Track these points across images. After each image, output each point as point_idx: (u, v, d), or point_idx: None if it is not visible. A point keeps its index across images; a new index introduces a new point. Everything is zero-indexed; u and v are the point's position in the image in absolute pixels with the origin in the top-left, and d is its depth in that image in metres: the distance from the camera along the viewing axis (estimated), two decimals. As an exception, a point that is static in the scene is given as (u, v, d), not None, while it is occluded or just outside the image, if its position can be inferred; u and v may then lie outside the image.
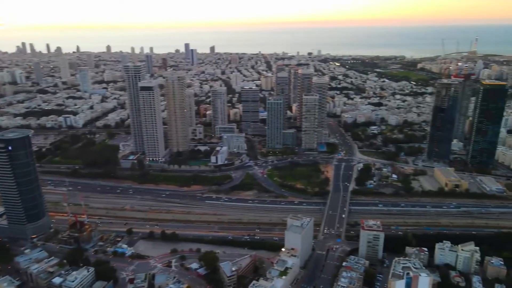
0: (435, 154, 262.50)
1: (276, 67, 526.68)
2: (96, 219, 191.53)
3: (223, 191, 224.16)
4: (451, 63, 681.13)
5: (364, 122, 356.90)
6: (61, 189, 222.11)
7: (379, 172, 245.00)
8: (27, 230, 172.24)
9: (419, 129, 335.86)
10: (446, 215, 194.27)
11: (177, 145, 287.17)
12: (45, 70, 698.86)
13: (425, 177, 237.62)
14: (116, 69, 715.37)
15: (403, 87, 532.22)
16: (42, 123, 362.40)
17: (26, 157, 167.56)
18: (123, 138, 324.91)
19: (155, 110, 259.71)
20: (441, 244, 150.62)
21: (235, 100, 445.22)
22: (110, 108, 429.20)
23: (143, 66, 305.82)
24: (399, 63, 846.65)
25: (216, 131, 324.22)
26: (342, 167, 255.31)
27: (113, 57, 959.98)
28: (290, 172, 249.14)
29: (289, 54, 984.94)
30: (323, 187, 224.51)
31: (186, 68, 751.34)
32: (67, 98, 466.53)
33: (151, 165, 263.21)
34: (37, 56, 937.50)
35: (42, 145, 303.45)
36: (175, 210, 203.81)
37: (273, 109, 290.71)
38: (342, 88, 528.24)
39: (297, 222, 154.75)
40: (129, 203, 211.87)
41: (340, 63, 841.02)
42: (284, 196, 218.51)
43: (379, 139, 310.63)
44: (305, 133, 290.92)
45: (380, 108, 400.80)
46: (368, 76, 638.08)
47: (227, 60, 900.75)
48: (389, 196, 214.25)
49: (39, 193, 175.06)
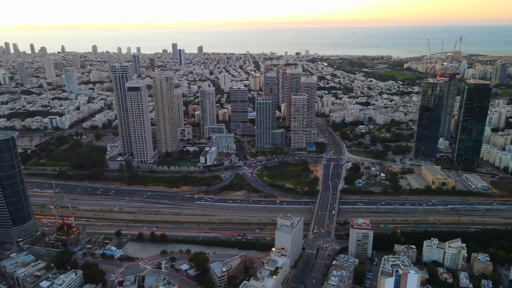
0: (422, 153, 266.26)
1: (264, 67, 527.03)
2: (84, 221, 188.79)
3: (213, 191, 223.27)
4: (436, 62, 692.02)
5: (352, 122, 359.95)
6: (48, 192, 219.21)
7: (368, 171, 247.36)
8: (12, 234, 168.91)
9: (406, 128, 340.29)
10: (433, 212, 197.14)
11: (166, 146, 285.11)
12: (29, 70, 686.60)
13: (412, 176, 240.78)
14: (103, 69, 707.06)
15: (390, 86, 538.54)
16: (27, 125, 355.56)
17: (11, 159, 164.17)
18: (110, 139, 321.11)
19: (143, 111, 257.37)
20: (428, 242, 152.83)
21: (223, 100, 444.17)
22: (97, 109, 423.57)
23: (130, 66, 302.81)
24: (386, 63, 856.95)
25: (205, 131, 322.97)
26: (331, 166, 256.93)
27: (99, 57, 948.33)
28: (280, 172, 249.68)
29: (277, 54, 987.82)
30: (312, 186, 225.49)
31: (174, 68, 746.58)
32: (52, 99, 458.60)
33: (140, 166, 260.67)
34: (21, 57, 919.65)
35: (27, 147, 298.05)
36: (164, 211, 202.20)
37: (262, 109, 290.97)
38: (330, 88, 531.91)
39: (287, 221, 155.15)
40: (118, 205, 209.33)
41: (328, 63, 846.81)
42: (274, 195, 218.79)
43: (367, 138, 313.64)
44: (294, 133, 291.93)
45: (367, 108, 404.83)
46: (355, 76, 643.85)
47: (215, 60, 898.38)
48: (378, 195, 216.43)
49: (24, 196, 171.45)
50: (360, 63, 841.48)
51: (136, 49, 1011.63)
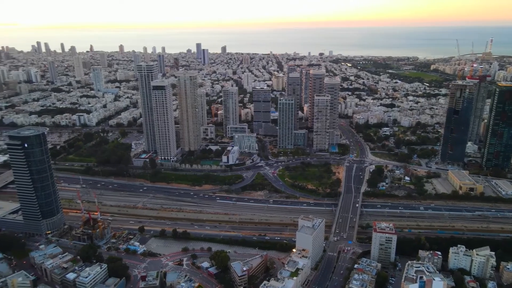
0: (449, 157, 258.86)
1: (287, 67, 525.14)
2: (109, 216, 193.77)
3: (234, 190, 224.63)
4: (465, 64, 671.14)
5: (376, 123, 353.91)
6: (75, 186, 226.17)
7: (392, 174, 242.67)
8: (42, 226, 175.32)
9: (433, 131, 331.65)
10: (460, 218, 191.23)
11: (189, 145, 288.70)
12: (59, 69, 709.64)
13: (438, 180, 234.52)
14: (129, 68, 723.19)
15: (416, 88, 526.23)
16: (56, 121, 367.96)
17: (42, 154, 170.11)
18: (135, 136, 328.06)
19: (167, 109, 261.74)
20: (455, 248, 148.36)
21: (246, 100, 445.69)
22: (122, 107, 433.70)
23: (155, 65, 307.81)
24: (412, 64, 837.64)
25: (228, 131, 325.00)
26: (353, 169, 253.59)
27: (125, 56, 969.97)
28: (301, 173, 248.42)
29: (300, 55, 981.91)
30: (334, 188, 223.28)
31: (197, 68, 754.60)
32: (81, 97, 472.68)
33: (163, 164, 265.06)
34: (52, 56, 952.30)
35: (56, 142, 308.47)
36: (186, 209, 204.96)
37: (285, 109, 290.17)
38: (354, 89, 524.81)
39: (309, 223, 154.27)
40: (141, 201, 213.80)
41: (351, 63, 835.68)
42: (295, 196, 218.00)
43: (392, 141, 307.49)
44: (316, 134, 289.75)
45: (392, 110, 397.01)
46: (380, 77, 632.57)
47: (238, 60, 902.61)
48: (402, 199, 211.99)
49: (53, 190, 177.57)
50: (385, 64, 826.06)
51: (161, 49, 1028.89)
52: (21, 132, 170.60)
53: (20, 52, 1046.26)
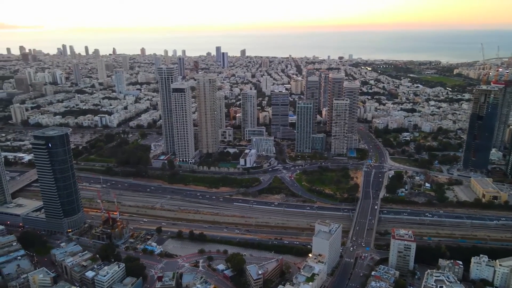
0: (472, 164, 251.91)
1: (306, 71, 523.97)
2: (127, 216, 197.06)
3: (251, 193, 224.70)
4: (490, 68, 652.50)
5: (396, 128, 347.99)
6: (96, 186, 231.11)
7: (411, 180, 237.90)
8: (63, 224, 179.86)
9: (455, 137, 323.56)
10: (483, 227, 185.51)
11: (207, 147, 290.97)
12: (83, 71, 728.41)
13: (460, 187, 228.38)
14: (150, 71, 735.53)
15: (438, 93, 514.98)
16: (79, 122, 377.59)
17: (65, 154, 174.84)
18: (154, 138, 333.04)
19: (186, 112, 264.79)
20: (477, 258, 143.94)
21: (264, 104, 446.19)
22: (143, 108, 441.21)
23: (176, 68, 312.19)
24: (434, 68, 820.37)
25: (246, 133, 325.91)
26: (372, 174, 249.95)
27: (147, 59, 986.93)
28: (319, 177, 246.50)
29: (319, 58, 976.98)
30: (352, 193, 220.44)
31: (217, 71, 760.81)
32: (103, 99, 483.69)
33: (181, 166, 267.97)
34: (77, 58, 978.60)
35: (79, 143, 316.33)
36: (203, 211, 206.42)
37: (303, 113, 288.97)
38: (374, 93, 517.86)
39: (325, 227, 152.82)
40: (159, 202, 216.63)
41: (371, 67, 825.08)
42: (312, 201, 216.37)
43: (412, 146, 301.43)
44: (334, 138, 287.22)
45: (413, 114, 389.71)
46: (401, 81, 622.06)
47: (257, 63, 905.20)
48: (422, 205, 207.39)
49: (75, 189, 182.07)
50: (406, 68, 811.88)
51: (182, 52, 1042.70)
52: (46, 132, 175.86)
53: (46, 55, 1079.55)
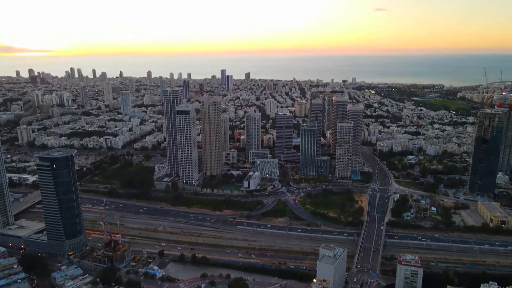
0: (478, 187, 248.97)
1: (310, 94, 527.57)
2: (130, 239, 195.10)
3: (255, 216, 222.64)
4: (494, 92, 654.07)
5: (400, 151, 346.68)
6: (99, 208, 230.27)
7: (417, 204, 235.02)
8: (65, 247, 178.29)
9: (460, 160, 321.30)
10: (491, 253, 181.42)
11: (211, 169, 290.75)
12: (90, 93, 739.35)
13: (467, 211, 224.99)
14: (155, 93, 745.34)
15: (442, 116, 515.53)
16: (84, 144, 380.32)
17: (69, 175, 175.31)
18: (158, 160, 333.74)
19: (191, 134, 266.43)
20: (486, 285, 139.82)
21: (269, 126, 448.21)
22: (148, 130, 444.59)
23: (181, 91, 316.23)
24: (438, 91, 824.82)
25: (250, 156, 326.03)
26: (377, 197, 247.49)
27: (153, 82, 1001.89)
28: (323, 200, 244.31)
29: (323, 82, 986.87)
30: (357, 217, 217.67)
31: (222, 93, 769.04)
32: (108, 120, 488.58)
33: (185, 188, 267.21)
34: (84, 81, 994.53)
35: (83, 164, 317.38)
36: (206, 234, 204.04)
37: (307, 135, 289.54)
38: (378, 116, 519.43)
39: (330, 252, 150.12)
40: (162, 225, 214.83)
41: (375, 91, 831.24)
42: (316, 224, 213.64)
43: (417, 169, 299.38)
44: (339, 161, 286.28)
45: (417, 137, 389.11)
46: (404, 104, 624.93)
47: (261, 86, 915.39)
48: (428, 230, 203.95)
49: (78, 211, 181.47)
50: (410, 92, 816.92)
51: (187, 75, 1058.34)
52: (51, 154, 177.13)
53: (54, 78, 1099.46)
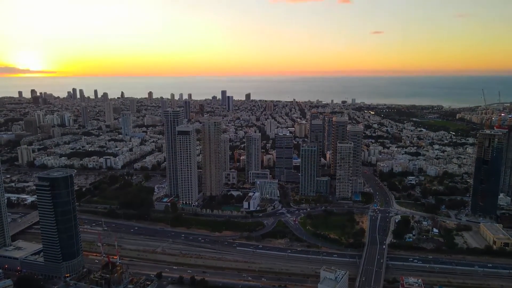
0: (480, 209, 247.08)
1: (310, 114, 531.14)
2: (128, 260, 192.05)
3: (255, 238, 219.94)
4: (493, 113, 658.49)
5: (401, 172, 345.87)
6: (97, 229, 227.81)
7: (419, 225, 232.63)
8: (61, 269, 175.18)
9: (461, 181, 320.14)
10: (496, 276, 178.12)
11: (211, 189, 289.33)
12: (91, 114, 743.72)
13: (470, 233, 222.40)
14: (156, 114, 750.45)
15: (441, 137, 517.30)
16: (84, 164, 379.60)
17: (67, 196, 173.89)
18: (158, 180, 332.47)
19: (191, 154, 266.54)
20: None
21: (269, 146, 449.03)
22: (148, 151, 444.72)
23: (181, 111, 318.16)
24: (437, 112, 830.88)
25: (250, 176, 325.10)
26: (378, 218, 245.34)
27: (154, 102, 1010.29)
28: (324, 221, 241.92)
29: (323, 102, 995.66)
30: (358, 238, 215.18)
31: (222, 114, 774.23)
32: (109, 141, 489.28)
33: (184, 209, 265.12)
34: (85, 101, 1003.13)
35: (82, 184, 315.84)
36: (205, 256, 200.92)
37: (307, 156, 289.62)
38: (378, 137, 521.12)
39: (331, 274, 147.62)
40: (161, 246, 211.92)
41: (375, 111, 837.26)
42: (317, 246, 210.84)
43: (418, 190, 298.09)
44: (339, 181, 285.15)
45: (418, 158, 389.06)
46: (404, 125, 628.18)
47: (262, 107, 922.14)
48: (431, 252, 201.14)
49: (76, 232, 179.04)
50: (409, 113, 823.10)
51: (188, 96, 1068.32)
52: (50, 174, 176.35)
53: (56, 98, 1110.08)
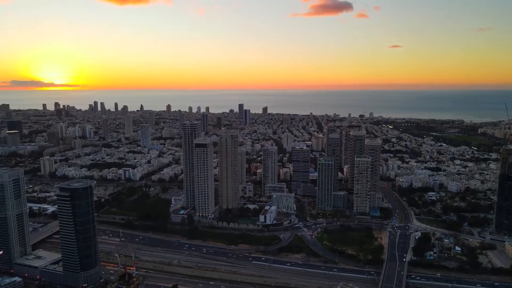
0: (505, 227, 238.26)
1: (327, 128, 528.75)
2: (144, 272, 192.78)
3: (271, 252, 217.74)
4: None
5: (420, 187, 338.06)
6: (115, 240, 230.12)
7: (440, 242, 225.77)
8: (79, 278, 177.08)
9: (484, 197, 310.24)
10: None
11: (227, 202, 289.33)
12: (111, 126, 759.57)
13: (494, 252, 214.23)
14: (174, 126, 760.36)
15: (463, 152, 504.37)
16: (103, 175, 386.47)
17: (87, 206, 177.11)
18: (175, 192, 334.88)
19: (208, 167, 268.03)
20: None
21: (285, 160, 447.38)
22: (165, 163, 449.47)
23: (199, 124, 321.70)
24: (458, 127, 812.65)
25: (266, 189, 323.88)
26: (397, 235, 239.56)
27: (172, 115, 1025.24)
28: (341, 236, 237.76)
29: (340, 116, 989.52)
30: (376, 255, 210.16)
31: (239, 127, 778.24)
32: (128, 152, 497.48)
33: (200, 221, 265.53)
34: (106, 114, 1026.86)
35: (102, 195, 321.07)
36: (221, 269, 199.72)
37: (324, 170, 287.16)
38: (396, 151, 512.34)
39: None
40: (177, 258, 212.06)
41: (393, 125, 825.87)
42: (334, 261, 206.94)
43: (438, 206, 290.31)
44: (356, 196, 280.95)
45: (438, 173, 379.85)
46: (423, 139, 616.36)
47: (279, 120, 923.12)
48: (453, 271, 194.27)
49: (94, 242, 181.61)
50: (429, 127, 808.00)
51: (205, 109, 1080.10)
52: (71, 184, 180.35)
53: (78, 111, 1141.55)
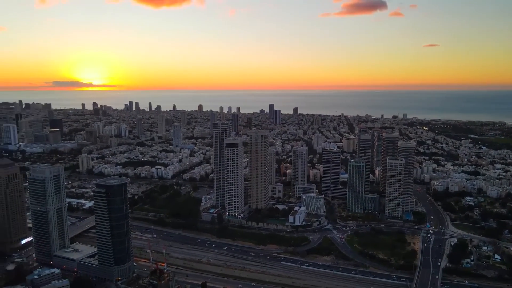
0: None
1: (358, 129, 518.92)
2: (174, 268, 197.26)
3: (300, 253, 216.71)
4: None
5: (457, 192, 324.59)
6: (147, 236, 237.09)
7: (478, 250, 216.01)
8: (113, 272, 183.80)
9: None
10: None
11: (256, 202, 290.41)
12: (145, 125, 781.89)
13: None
14: (205, 126, 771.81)
15: (504, 155, 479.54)
16: (137, 173, 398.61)
17: (121, 203, 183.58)
18: (206, 191, 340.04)
19: (238, 167, 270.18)
20: None
21: (315, 161, 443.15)
22: (196, 162, 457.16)
23: (230, 124, 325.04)
24: (499, 129, 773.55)
25: (296, 190, 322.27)
26: (431, 240, 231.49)
27: (203, 115, 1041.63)
28: (372, 240, 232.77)
29: (372, 117, 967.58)
30: (409, 260, 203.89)
31: (269, 127, 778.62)
32: (160, 151, 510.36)
33: (230, 220, 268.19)
34: (140, 113, 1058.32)
35: (135, 192, 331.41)
36: (249, 269, 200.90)
37: (355, 171, 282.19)
38: (431, 154, 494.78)
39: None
40: (206, 256, 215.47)
41: (428, 127, 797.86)
42: (365, 265, 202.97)
43: (477, 212, 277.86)
44: (388, 199, 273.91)
45: (476, 178, 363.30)
46: (461, 142, 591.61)
47: (309, 121, 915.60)
48: (491, 280, 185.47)
49: (128, 238, 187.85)
50: (467, 129, 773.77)
51: (236, 109, 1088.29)
52: (107, 181, 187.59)
53: (114, 110, 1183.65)
